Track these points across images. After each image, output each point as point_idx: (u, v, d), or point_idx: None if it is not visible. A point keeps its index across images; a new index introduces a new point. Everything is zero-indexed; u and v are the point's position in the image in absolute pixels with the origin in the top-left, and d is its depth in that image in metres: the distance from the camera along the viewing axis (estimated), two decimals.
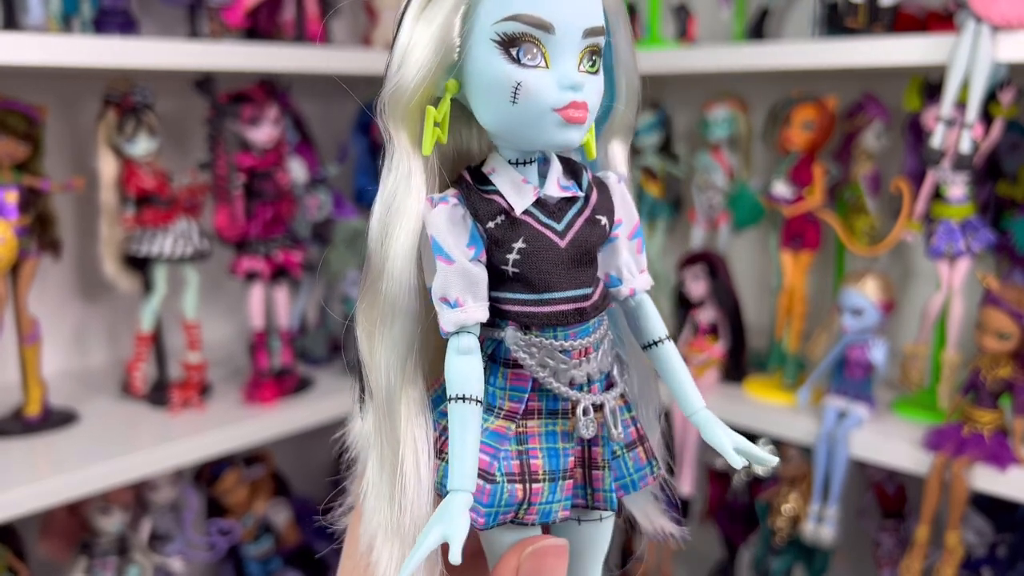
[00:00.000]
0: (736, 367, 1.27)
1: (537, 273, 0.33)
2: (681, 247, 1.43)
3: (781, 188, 1.19)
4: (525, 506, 0.33)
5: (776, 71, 1.16)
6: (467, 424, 0.32)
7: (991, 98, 0.99)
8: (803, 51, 1.08)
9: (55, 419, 1.08)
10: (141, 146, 1.09)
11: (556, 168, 0.34)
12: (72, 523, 1.12)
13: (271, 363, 1.23)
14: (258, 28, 1.26)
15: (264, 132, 1.17)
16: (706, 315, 1.27)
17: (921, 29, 1.10)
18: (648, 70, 1.22)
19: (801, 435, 1.13)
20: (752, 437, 1.28)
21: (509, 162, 0.33)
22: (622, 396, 0.36)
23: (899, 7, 1.08)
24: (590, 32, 0.31)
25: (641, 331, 0.36)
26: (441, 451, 0.33)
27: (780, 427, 1.15)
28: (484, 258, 0.33)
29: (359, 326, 0.34)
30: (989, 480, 0.96)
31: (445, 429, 0.33)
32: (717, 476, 1.37)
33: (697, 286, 1.26)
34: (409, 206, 0.32)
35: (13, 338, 1.07)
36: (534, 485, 0.33)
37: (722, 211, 1.31)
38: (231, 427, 1.11)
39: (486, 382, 0.34)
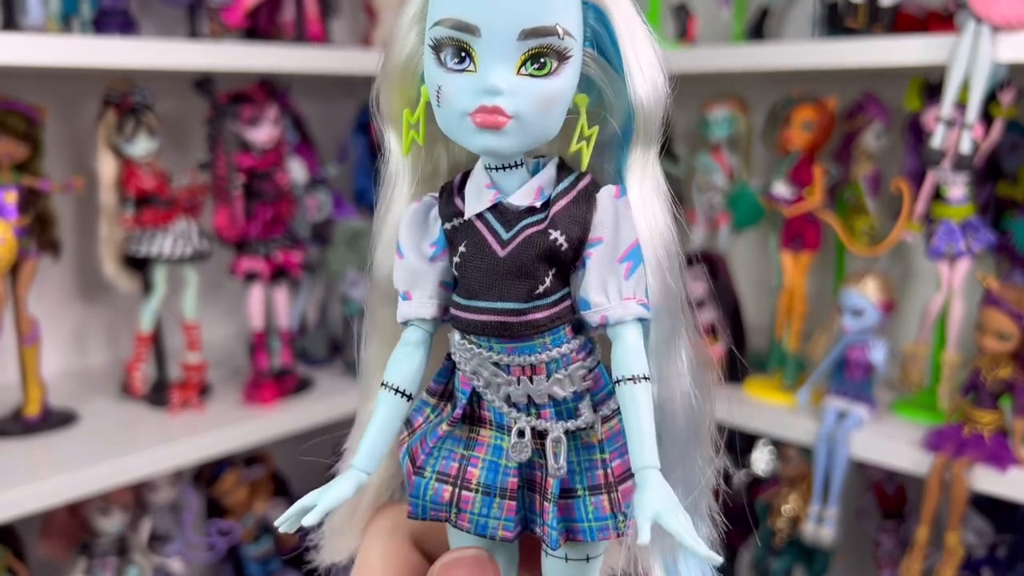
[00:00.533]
0: (736, 368, 1.27)
1: (469, 278, 0.32)
2: (681, 247, 1.43)
3: (781, 188, 1.19)
4: (455, 511, 0.33)
5: (776, 71, 1.16)
6: (380, 409, 0.33)
7: (991, 98, 0.99)
8: (803, 51, 1.08)
9: (55, 419, 1.08)
10: (141, 146, 1.09)
11: (545, 177, 0.32)
12: (72, 523, 1.12)
13: (271, 363, 1.23)
14: (258, 28, 1.26)
15: (264, 132, 1.17)
16: (706, 315, 1.27)
17: (921, 29, 1.10)
18: None
19: (801, 435, 1.13)
20: (752, 437, 1.29)
21: (486, 167, 0.33)
22: (587, 432, 0.33)
23: (899, 7, 1.08)
24: (531, 33, 0.29)
25: (612, 365, 0.32)
26: (411, 432, 0.35)
27: (780, 427, 1.15)
28: (444, 258, 0.33)
29: (364, 305, 0.37)
30: (989, 481, 0.96)
31: (427, 418, 0.35)
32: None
33: (697, 286, 1.26)
34: (394, 203, 0.34)
35: (13, 338, 1.07)
36: (464, 492, 0.33)
37: (722, 211, 1.31)
38: (231, 427, 1.11)
39: (447, 383, 0.35)
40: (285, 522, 0.33)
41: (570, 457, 0.33)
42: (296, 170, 1.28)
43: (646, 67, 0.31)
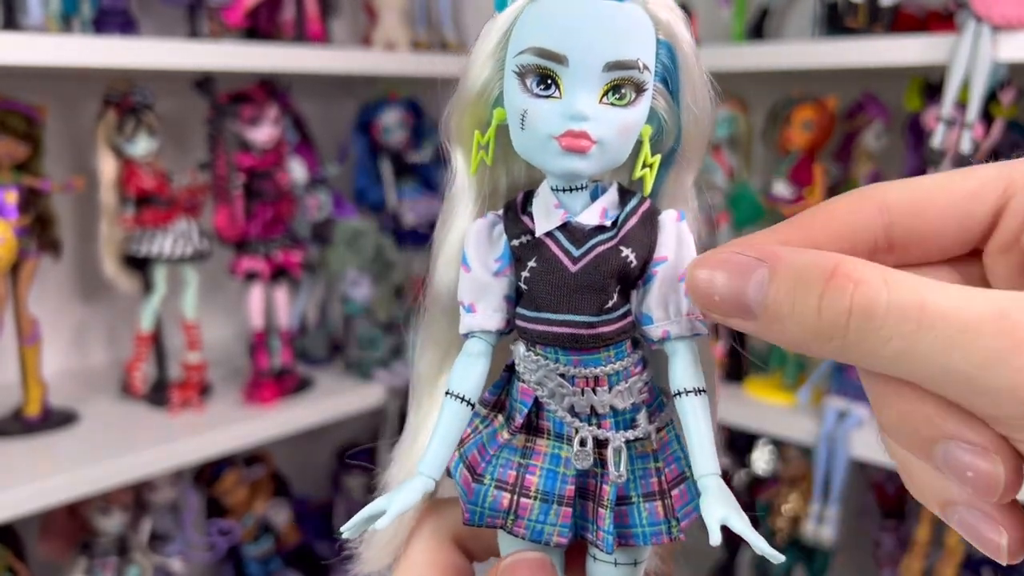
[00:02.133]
0: (736, 367, 1.27)
1: (539, 292, 0.34)
2: None
3: (781, 188, 1.19)
4: (512, 517, 0.34)
5: (776, 71, 1.16)
6: (445, 417, 0.34)
7: (991, 98, 0.99)
8: (803, 51, 1.08)
9: (55, 419, 1.08)
10: (141, 146, 1.09)
11: (609, 199, 0.34)
12: (72, 523, 1.12)
13: (271, 363, 1.23)
14: (258, 28, 1.26)
15: (264, 132, 1.17)
16: None
17: (921, 29, 1.10)
18: None
19: (801, 435, 1.13)
20: (752, 437, 1.29)
21: (552, 188, 0.34)
22: (642, 442, 0.35)
23: (899, 7, 1.08)
24: (614, 66, 0.31)
25: (671, 378, 0.34)
26: (462, 443, 0.36)
27: (780, 427, 1.15)
28: (509, 273, 0.35)
29: (421, 317, 0.38)
30: None
31: (475, 428, 0.36)
32: None
33: None
34: (457, 218, 0.36)
35: (13, 338, 1.07)
36: (523, 499, 0.34)
37: (722, 211, 1.31)
38: (231, 427, 1.11)
39: (508, 394, 0.36)
40: (351, 529, 0.33)
41: (627, 465, 0.35)
42: (296, 170, 1.28)
43: (699, 102, 0.34)
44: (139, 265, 1.15)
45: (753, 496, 1.30)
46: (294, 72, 1.21)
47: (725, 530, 0.32)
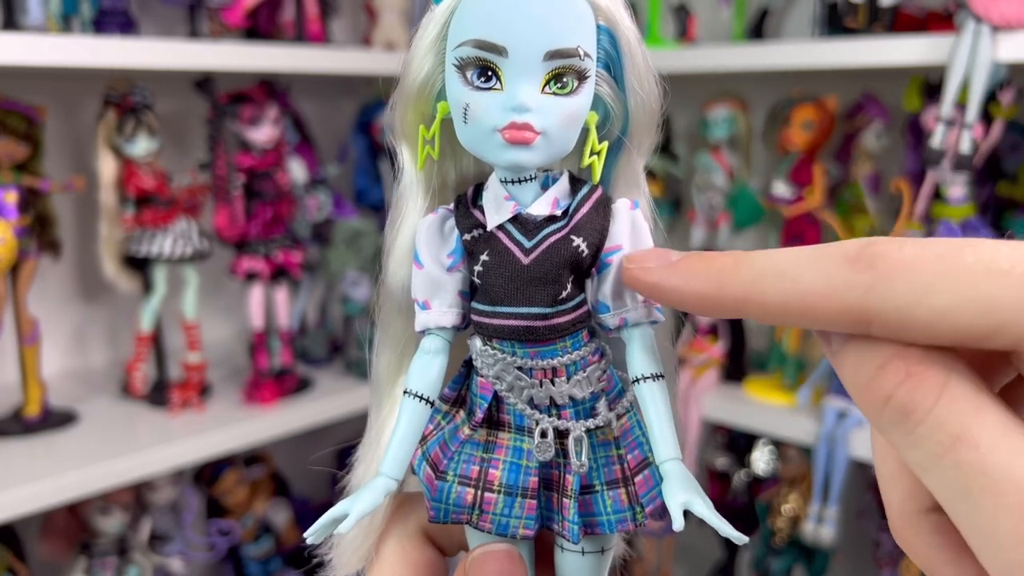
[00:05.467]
0: (736, 367, 1.27)
1: (492, 286, 0.34)
2: (681, 247, 1.43)
3: (781, 188, 1.19)
4: (477, 512, 0.34)
5: (776, 71, 1.16)
6: (405, 416, 0.35)
7: (991, 98, 0.99)
8: (803, 51, 1.08)
9: (55, 419, 1.08)
10: (141, 146, 1.09)
11: (560, 188, 0.34)
12: (72, 523, 1.12)
13: (271, 363, 1.23)
14: (258, 28, 1.26)
15: (264, 132, 1.17)
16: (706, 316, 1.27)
17: (921, 29, 1.10)
18: None
19: (801, 435, 1.13)
20: (752, 437, 1.29)
21: (501, 181, 0.34)
22: (603, 430, 0.35)
23: (899, 7, 1.08)
24: (555, 54, 0.31)
25: (629, 365, 0.34)
26: (424, 440, 0.36)
27: (780, 427, 1.15)
28: (463, 267, 0.35)
29: (376, 316, 0.38)
30: None
31: (437, 424, 0.36)
32: (717, 476, 1.37)
33: None
34: (407, 214, 0.35)
35: (13, 338, 1.07)
36: (487, 494, 0.34)
37: (722, 211, 1.31)
38: (231, 427, 1.11)
39: (468, 389, 0.36)
40: (315, 533, 0.33)
41: (589, 454, 0.35)
42: (296, 170, 1.28)
43: (644, 85, 0.34)
44: (139, 265, 1.15)
45: (753, 496, 1.30)
46: (294, 72, 1.21)
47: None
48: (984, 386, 0.23)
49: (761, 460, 1.31)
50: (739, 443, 1.35)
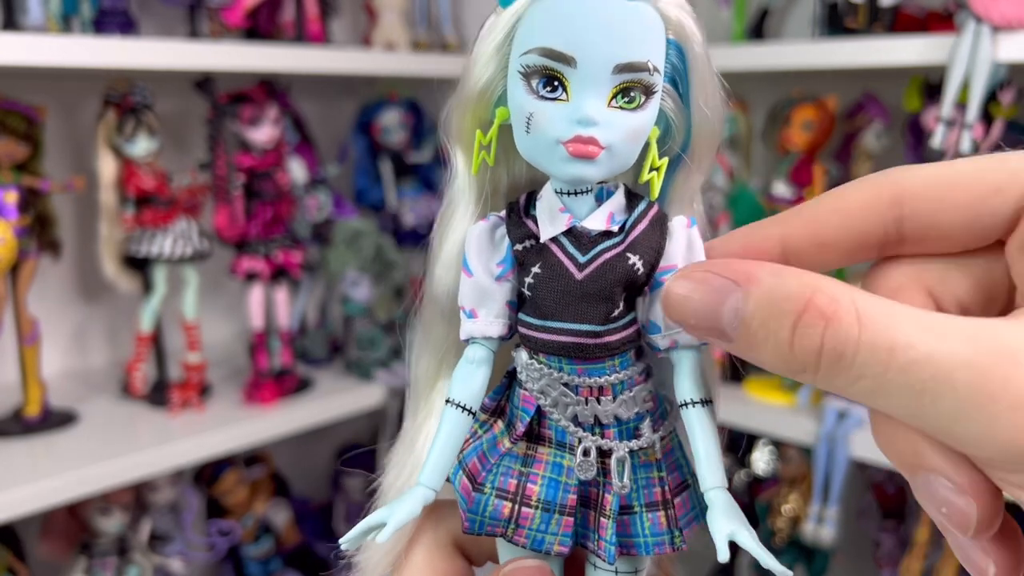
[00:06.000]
0: (736, 367, 1.27)
1: (544, 299, 0.33)
2: None
3: (781, 188, 1.19)
4: (513, 526, 0.33)
5: (776, 71, 1.16)
6: (446, 427, 0.34)
7: (991, 98, 0.99)
8: (803, 51, 1.08)
9: (55, 419, 1.08)
10: (141, 146, 1.09)
11: (616, 203, 0.33)
12: (72, 523, 1.12)
13: (271, 363, 1.23)
14: (258, 28, 1.26)
15: (264, 132, 1.17)
16: None
17: (921, 29, 1.10)
18: None
19: (801, 435, 1.13)
20: (752, 438, 1.29)
21: (556, 191, 0.33)
22: (646, 451, 0.34)
23: (899, 7, 1.08)
24: (624, 68, 0.30)
25: (677, 388, 0.34)
26: (460, 449, 0.35)
27: (780, 427, 1.15)
28: (512, 277, 0.34)
29: (418, 320, 0.37)
30: None
31: (475, 434, 0.35)
32: None
33: None
34: (457, 219, 0.35)
35: (13, 338, 1.07)
36: (524, 509, 0.33)
37: (722, 211, 1.31)
38: (231, 427, 1.11)
39: (508, 400, 0.35)
40: (350, 541, 0.33)
41: (630, 475, 0.34)
42: (296, 170, 1.28)
43: (710, 105, 0.33)
44: (139, 265, 1.15)
45: (753, 496, 1.30)
46: (294, 72, 1.21)
47: None
48: (886, 298, 0.25)
49: (761, 460, 1.31)
50: (739, 443, 1.35)
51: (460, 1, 1.56)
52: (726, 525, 0.31)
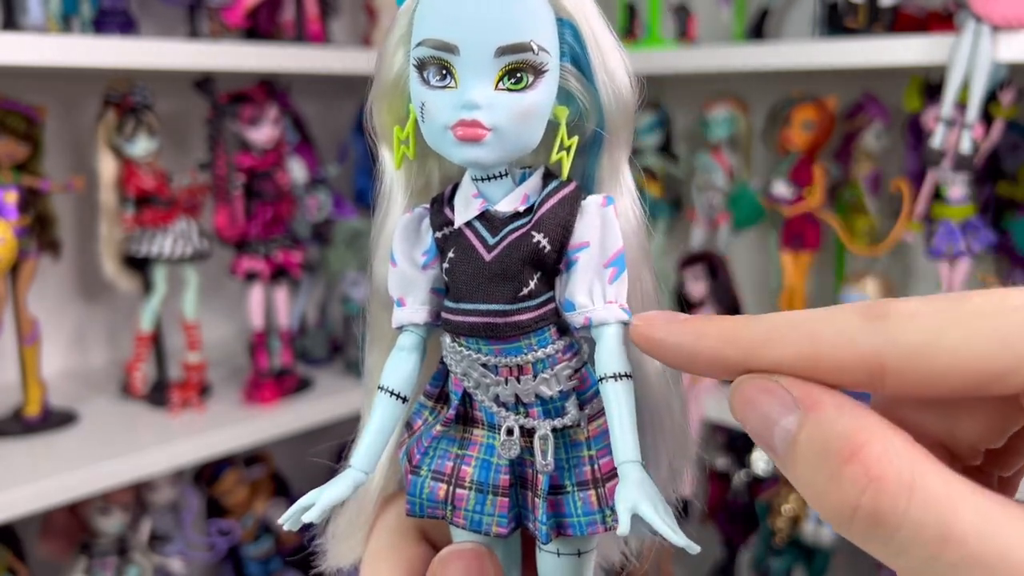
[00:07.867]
0: None
1: (457, 282, 0.34)
2: (681, 247, 1.43)
3: (781, 188, 1.19)
4: (451, 508, 0.34)
5: (776, 71, 1.16)
6: (377, 412, 0.35)
7: (991, 98, 0.99)
8: (803, 51, 1.08)
9: (55, 419, 1.08)
10: (141, 146, 1.09)
11: (531, 184, 0.34)
12: (72, 523, 1.12)
13: (271, 363, 1.23)
14: (258, 28, 1.26)
15: (264, 132, 1.17)
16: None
17: (921, 29, 1.10)
18: (648, 70, 1.22)
19: None
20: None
21: (472, 179, 0.34)
22: (573, 430, 0.34)
23: (899, 7, 1.08)
24: (507, 50, 0.31)
25: (596, 364, 0.33)
26: (412, 435, 0.36)
27: None
28: (436, 265, 0.35)
29: (368, 313, 0.38)
30: None
31: (425, 420, 0.36)
32: (717, 476, 1.37)
33: (697, 286, 1.26)
34: (390, 215, 0.36)
35: (13, 338, 1.07)
36: (458, 490, 0.34)
37: (722, 211, 1.31)
38: (231, 427, 1.11)
39: (443, 385, 0.36)
40: (287, 520, 0.34)
41: (559, 454, 0.34)
42: (296, 170, 1.28)
43: (614, 77, 0.33)
44: (139, 265, 1.15)
45: (753, 496, 1.30)
46: (294, 72, 1.21)
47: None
48: (947, 467, 0.22)
49: (761, 460, 1.31)
50: (739, 443, 1.35)
51: None
52: (630, 497, 0.30)
